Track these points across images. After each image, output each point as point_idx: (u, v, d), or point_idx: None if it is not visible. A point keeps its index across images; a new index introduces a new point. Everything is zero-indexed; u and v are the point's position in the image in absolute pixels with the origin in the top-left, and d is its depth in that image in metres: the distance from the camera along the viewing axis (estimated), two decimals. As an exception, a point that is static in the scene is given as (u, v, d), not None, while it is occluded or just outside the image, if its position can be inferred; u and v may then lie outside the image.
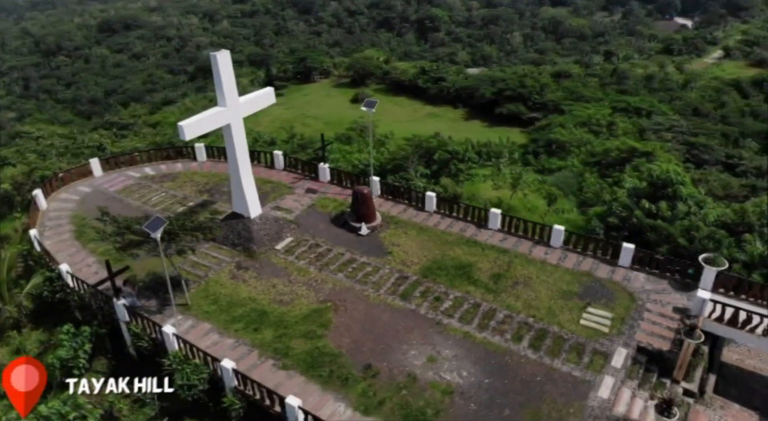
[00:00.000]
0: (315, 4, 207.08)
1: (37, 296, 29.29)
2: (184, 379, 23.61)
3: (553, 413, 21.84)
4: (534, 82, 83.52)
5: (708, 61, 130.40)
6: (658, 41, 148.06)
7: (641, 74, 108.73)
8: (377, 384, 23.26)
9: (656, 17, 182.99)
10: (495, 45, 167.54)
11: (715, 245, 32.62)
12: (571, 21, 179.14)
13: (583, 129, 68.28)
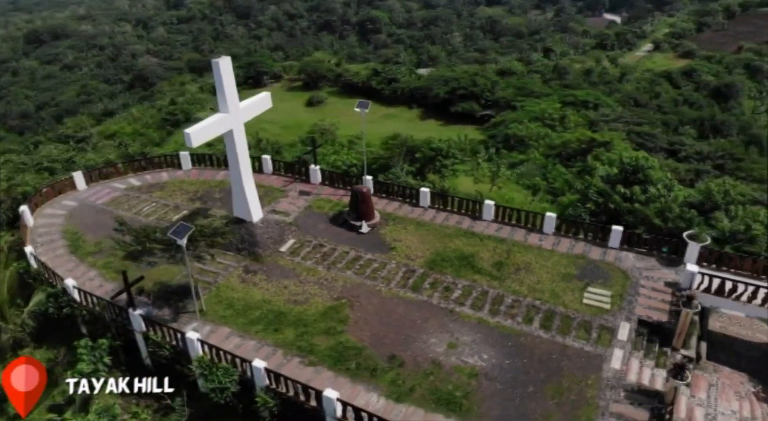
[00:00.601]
0: (253, 8, 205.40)
1: (41, 313, 28.80)
2: (216, 382, 23.97)
3: (573, 386, 23.43)
4: (485, 81, 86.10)
5: (639, 54, 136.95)
6: (592, 37, 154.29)
7: (580, 69, 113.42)
8: (404, 373, 24.29)
9: (587, 14, 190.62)
10: (436, 45, 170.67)
11: (686, 224, 35.15)
12: (507, 20, 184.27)
13: (537, 123, 71.02)
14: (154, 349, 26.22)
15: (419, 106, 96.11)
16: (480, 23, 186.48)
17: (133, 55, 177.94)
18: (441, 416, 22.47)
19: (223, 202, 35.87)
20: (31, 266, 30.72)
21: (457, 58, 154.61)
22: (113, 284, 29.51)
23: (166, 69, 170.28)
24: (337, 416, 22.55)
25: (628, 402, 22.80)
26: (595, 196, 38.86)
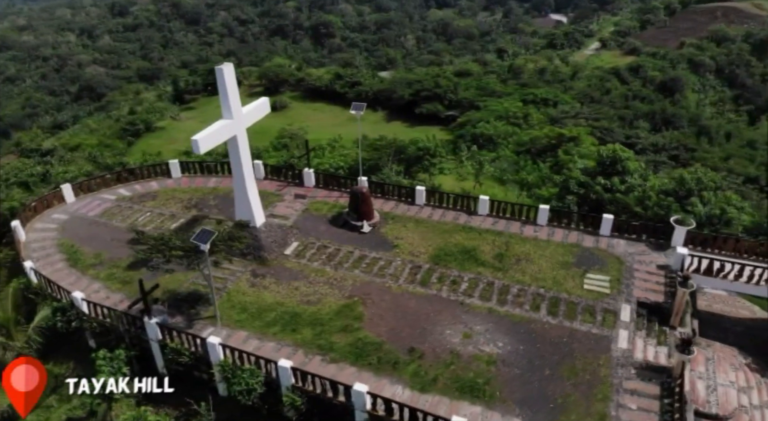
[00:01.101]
0: (203, 14, 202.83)
1: (48, 328, 28.43)
2: (243, 384, 24.30)
3: (587, 367, 24.77)
4: (448, 82, 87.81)
5: (587, 52, 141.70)
6: (541, 37, 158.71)
7: (534, 68, 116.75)
8: (425, 364, 25.17)
9: (534, 15, 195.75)
10: (391, 48, 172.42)
11: (665, 211, 37.26)
12: (458, 22, 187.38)
13: (502, 122, 72.97)
14: (174, 356, 26.27)
15: (384, 109, 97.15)
16: (432, 26, 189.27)
17: (78, 65, 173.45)
18: (466, 403, 23.43)
19: (219, 209, 36.04)
20: (31, 282, 30.24)
21: (412, 60, 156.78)
22: (119, 295, 29.43)
23: (114, 78, 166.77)
24: (367, 409, 23.23)
25: (639, 378, 24.27)
26: (576, 188, 40.57)
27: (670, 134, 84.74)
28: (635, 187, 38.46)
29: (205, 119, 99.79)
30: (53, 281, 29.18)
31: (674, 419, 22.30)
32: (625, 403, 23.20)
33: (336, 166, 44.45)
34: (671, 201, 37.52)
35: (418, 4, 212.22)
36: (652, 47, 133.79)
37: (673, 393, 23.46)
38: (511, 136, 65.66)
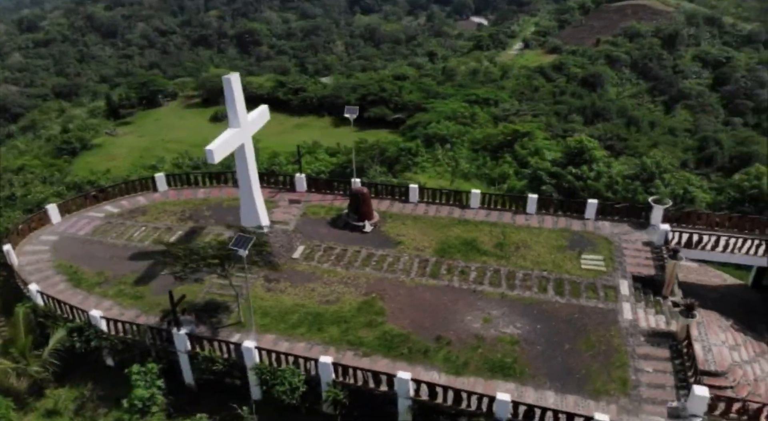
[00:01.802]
0: (119, 26, 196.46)
1: (66, 350, 27.92)
2: (286, 384, 24.92)
3: (600, 339, 26.92)
4: (392, 86, 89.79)
5: (512, 52, 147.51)
6: (467, 39, 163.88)
7: (465, 70, 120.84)
8: (454, 349, 26.61)
9: (456, 18, 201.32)
10: (319, 54, 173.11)
11: (631, 194, 40.37)
12: (385, 27, 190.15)
13: (451, 122, 75.51)
14: (207, 365, 26.48)
15: (329, 114, 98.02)
16: (359, 31, 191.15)
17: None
18: (500, 382, 25.03)
19: (216, 219, 36.16)
20: (37, 305, 29.50)
21: (343, 65, 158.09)
22: (134, 311, 29.27)
23: (29, 97, 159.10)
24: (410, 396, 24.41)
25: (649, 344, 26.64)
26: (548, 178, 43.16)
27: (602, 126, 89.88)
28: (603, 174, 41.40)
29: (143, 133, 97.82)
30: (65, 302, 28.64)
31: (687, 376, 24.72)
32: (641, 367, 25.45)
33: (317, 171, 45.18)
34: (637, 184, 40.69)
35: (343, 10, 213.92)
36: (571, 45, 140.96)
37: (682, 354, 25.95)
38: (464, 135, 68.11)
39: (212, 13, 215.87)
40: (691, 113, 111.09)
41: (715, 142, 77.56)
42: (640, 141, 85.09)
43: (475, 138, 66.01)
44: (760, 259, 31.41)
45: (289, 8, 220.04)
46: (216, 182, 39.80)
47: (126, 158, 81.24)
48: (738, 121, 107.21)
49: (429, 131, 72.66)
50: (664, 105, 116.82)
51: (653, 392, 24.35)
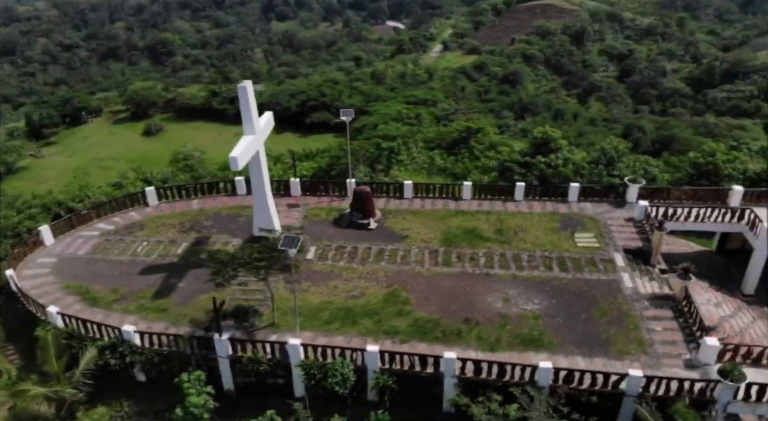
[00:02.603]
0: (18, 43, 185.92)
1: (100, 368, 27.59)
2: (338, 376, 25.95)
3: (611, 306, 29.65)
4: (333, 90, 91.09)
5: (433, 55, 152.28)
6: (387, 43, 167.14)
7: (393, 73, 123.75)
8: (484, 329, 28.54)
9: (372, 23, 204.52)
10: (238, 63, 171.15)
11: (597, 178, 43.89)
12: (303, 33, 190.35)
13: (399, 123, 77.77)
14: (253, 366, 27.01)
15: None
16: (277, 38, 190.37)
17: None
18: (533, 353, 27.18)
19: (218, 228, 36.40)
20: (58, 327, 28.87)
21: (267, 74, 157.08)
22: (163, 324, 29.29)
23: None
24: (456, 374, 26.10)
25: (653, 307, 29.65)
26: (518, 168, 46.06)
27: (532, 120, 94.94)
28: (569, 161, 44.73)
29: (73, 152, 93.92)
30: (92, 321, 28.28)
31: (693, 331, 27.85)
32: (651, 327, 28.37)
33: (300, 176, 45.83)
34: (601, 169, 44.28)
35: (258, 17, 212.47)
36: (489, 46, 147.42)
37: (684, 313, 29.12)
38: (415, 135, 70.39)
39: (119, 25, 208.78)
40: (604, 104, 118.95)
41: (639, 129, 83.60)
42: (568, 132, 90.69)
43: (427, 137, 68.37)
44: (724, 225, 35.29)
45: (201, 17, 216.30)
46: (209, 192, 39.83)
47: (59, 180, 77.84)
48: (645, 108, 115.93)
49: (379, 133, 74.52)
50: (578, 98, 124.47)
51: (667, 348, 27.28)
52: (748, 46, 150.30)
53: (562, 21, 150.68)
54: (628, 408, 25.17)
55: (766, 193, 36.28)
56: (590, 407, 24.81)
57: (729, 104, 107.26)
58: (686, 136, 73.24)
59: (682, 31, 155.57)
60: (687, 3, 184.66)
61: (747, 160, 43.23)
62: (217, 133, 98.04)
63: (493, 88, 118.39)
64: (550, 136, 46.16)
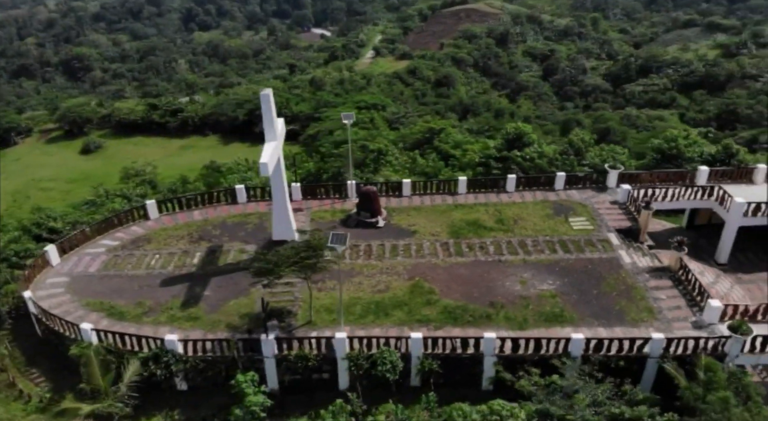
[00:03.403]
0: None
1: (145, 380, 27.61)
2: (388, 363, 27.23)
3: (617, 281, 32.39)
4: (280, 98, 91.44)
5: (366, 60, 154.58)
6: (317, 50, 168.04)
7: (331, 79, 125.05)
8: (510, 310, 30.57)
9: (298, 30, 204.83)
10: (162, 75, 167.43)
11: (569, 168, 47.10)
12: (228, 42, 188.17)
13: (355, 128, 79.19)
14: (301, 363, 27.82)
15: (214, 133, 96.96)
16: (202, 48, 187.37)
17: None
18: (558, 328, 29.46)
19: (229, 236, 36.72)
20: (91, 344, 28.57)
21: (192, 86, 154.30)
22: (198, 332, 29.57)
23: None
24: (496, 353, 27.96)
25: (654, 278, 32.64)
26: (495, 163, 48.67)
27: (474, 119, 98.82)
28: (542, 154, 47.74)
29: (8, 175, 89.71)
30: (132, 334, 28.27)
31: (694, 295, 30.97)
32: (657, 296, 31.29)
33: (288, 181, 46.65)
34: (572, 159, 47.55)
35: (178, 28, 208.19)
36: (419, 50, 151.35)
37: (681, 281, 32.27)
38: (375, 138, 72.07)
39: (29, 41, 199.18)
40: (532, 102, 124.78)
41: (577, 123, 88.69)
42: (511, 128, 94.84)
43: (389, 139, 70.19)
44: (696, 202, 38.94)
45: (117, 30, 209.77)
46: (209, 202, 39.97)
47: (-7, 203, 74.27)
48: (570, 105, 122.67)
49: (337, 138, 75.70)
50: (507, 97, 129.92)
51: (674, 313, 30.24)
52: (656, 42, 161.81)
53: (486, 24, 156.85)
54: (652, 369, 27.84)
55: (728, 172, 40.36)
56: (619, 370, 27.24)
57: (646, 97, 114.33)
58: (621, 128, 78.90)
59: (596, 30, 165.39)
60: (596, 4, 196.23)
61: (704, 142, 47.66)
62: (161, 148, 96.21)
63: (428, 91, 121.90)
64: (522, 131, 49.01)
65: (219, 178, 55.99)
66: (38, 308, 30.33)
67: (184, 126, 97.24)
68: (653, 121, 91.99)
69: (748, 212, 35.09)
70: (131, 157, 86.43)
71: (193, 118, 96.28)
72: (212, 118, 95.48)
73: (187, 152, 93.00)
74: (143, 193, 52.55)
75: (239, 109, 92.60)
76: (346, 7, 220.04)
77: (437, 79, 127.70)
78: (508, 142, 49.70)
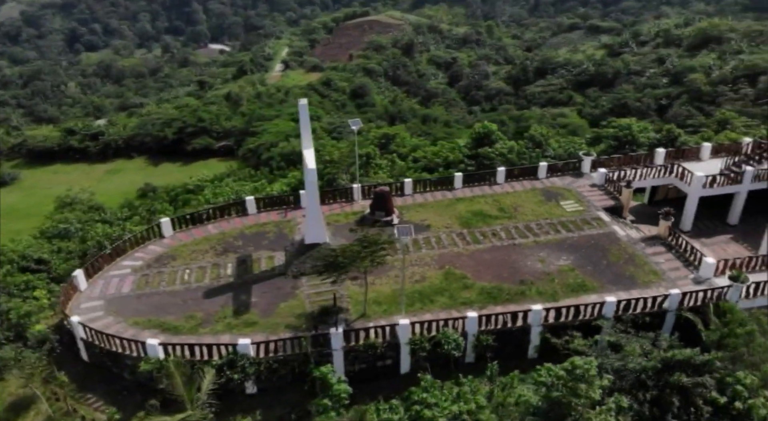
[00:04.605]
0: None
1: (224, 385, 28.20)
2: (452, 342, 29.55)
3: (620, 251, 36.51)
4: (210, 115, 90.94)
5: (276, 74, 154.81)
6: (222, 65, 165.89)
7: (249, 94, 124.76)
8: (539, 286, 33.81)
9: (194, 46, 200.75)
10: (51, 100, 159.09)
11: (535, 159, 51.54)
12: (121, 62, 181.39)
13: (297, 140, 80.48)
14: (370, 351, 29.50)
15: (140, 154, 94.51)
16: (93, 69, 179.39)
17: None
18: (585, 295, 33.03)
19: (253, 246, 37.48)
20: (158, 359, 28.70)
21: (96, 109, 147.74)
22: (261, 335, 30.37)
23: None
24: (541, 323, 31.07)
25: (649, 246, 37.10)
26: (468, 161, 52.25)
27: (404, 125, 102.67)
28: (512, 149, 51.89)
29: None
30: (202, 344, 28.75)
31: (687, 256, 35.73)
32: (657, 261, 35.75)
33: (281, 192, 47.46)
34: (539, 152, 52.05)
35: (62, 50, 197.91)
36: (329, 62, 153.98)
37: (672, 246, 37.02)
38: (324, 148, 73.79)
39: None
40: (444, 108, 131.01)
41: (502, 123, 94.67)
42: (438, 131, 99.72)
43: (339, 147, 72.23)
44: (658, 179, 44.24)
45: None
46: (220, 216, 40.35)
47: None
48: (477, 109, 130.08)
49: (284, 151, 76.73)
50: (420, 105, 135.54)
51: (675, 273, 34.73)
52: (546, 45, 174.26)
53: (391, 35, 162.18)
54: (670, 321, 31.97)
55: (680, 152, 46.18)
56: (644, 326, 31.15)
57: (546, 97, 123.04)
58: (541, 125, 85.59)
59: (492, 37, 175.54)
60: (486, 13, 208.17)
61: (650, 128, 53.87)
62: (85, 174, 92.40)
63: (347, 101, 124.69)
64: (490, 130, 52.96)
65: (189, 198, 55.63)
66: (92, 331, 29.88)
67: (105, 150, 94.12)
68: (557, 119, 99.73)
69: (706, 184, 40.49)
70: (53, 187, 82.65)
71: (116, 140, 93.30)
72: (137, 140, 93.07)
73: (115, 176, 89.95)
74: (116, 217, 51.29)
75: (167, 129, 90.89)
76: (243, 21, 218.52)
77: (353, 90, 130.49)
78: (477, 140, 53.41)
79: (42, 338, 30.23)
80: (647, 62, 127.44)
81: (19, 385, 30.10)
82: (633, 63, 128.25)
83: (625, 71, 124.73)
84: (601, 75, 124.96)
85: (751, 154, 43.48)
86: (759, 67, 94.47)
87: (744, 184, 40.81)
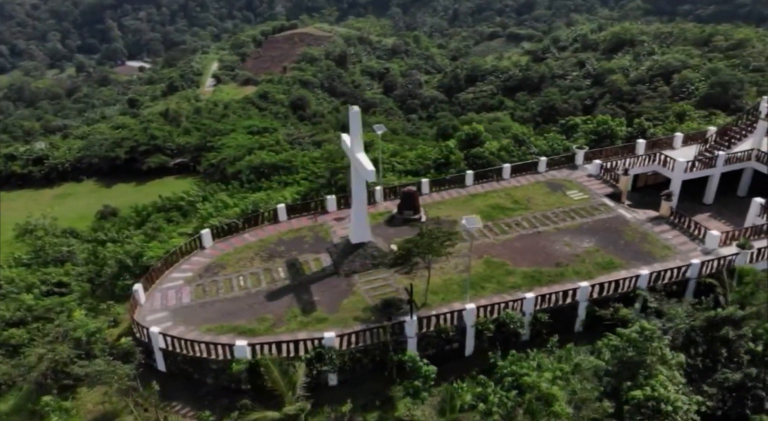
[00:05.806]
0: None
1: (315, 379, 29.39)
2: (517, 321, 32.10)
3: (633, 232, 40.33)
4: (161, 131, 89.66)
5: (208, 89, 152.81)
6: (146, 83, 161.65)
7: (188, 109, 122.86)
8: (573, 267, 36.96)
9: (111, 65, 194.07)
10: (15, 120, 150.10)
11: (522, 155, 55.27)
12: (34, 84, 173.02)
13: (263, 151, 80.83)
14: (443, 335, 31.55)
15: (89, 177, 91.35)
16: (3, 93, 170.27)
17: None
18: (615, 272, 36.48)
19: (297, 250, 38.57)
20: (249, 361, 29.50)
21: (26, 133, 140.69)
22: (335, 330, 31.51)
23: None
24: (587, 298, 34.16)
25: (656, 225, 41.22)
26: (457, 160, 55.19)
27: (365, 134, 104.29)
28: (502, 147, 55.32)
29: None
30: (288, 341, 29.80)
31: (691, 231, 40.08)
32: (666, 237, 39.88)
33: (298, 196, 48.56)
34: (524, 149, 55.79)
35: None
36: (263, 75, 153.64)
37: (676, 224, 41.33)
38: (295, 159, 74.70)
39: None
40: (385, 117, 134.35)
41: (454, 128, 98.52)
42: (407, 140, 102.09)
43: (313, 157, 73.44)
44: (643, 167, 48.78)
45: None
46: (253, 224, 41.05)
47: None
48: (415, 117, 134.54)
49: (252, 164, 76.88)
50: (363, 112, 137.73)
51: (684, 247, 38.90)
52: (471, 54, 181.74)
53: (323, 47, 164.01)
54: (692, 287, 35.92)
55: (658, 142, 51.16)
56: (672, 293, 34.97)
57: (478, 103, 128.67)
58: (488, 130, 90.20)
59: (419, 47, 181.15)
60: (408, 23, 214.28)
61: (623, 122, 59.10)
62: (32, 201, 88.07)
63: (289, 113, 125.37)
64: (478, 131, 56.24)
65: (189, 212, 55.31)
66: (174, 339, 30.17)
67: (50, 174, 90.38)
68: (492, 122, 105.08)
69: (687, 169, 45.32)
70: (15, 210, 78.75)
71: (63, 164, 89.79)
72: (84, 162, 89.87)
73: (67, 201, 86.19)
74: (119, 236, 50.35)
75: (118, 149, 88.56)
76: (162, 37, 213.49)
77: (291, 102, 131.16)
78: (466, 142, 56.51)
79: (127, 350, 30.11)
80: (569, 66, 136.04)
81: (98, 398, 29.93)
82: (556, 67, 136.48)
83: (550, 75, 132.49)
84: (528, 79, 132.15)
85: (720, 140, 48.95)
86: (671, 66, 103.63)
87: (717, 167, 45.92)
